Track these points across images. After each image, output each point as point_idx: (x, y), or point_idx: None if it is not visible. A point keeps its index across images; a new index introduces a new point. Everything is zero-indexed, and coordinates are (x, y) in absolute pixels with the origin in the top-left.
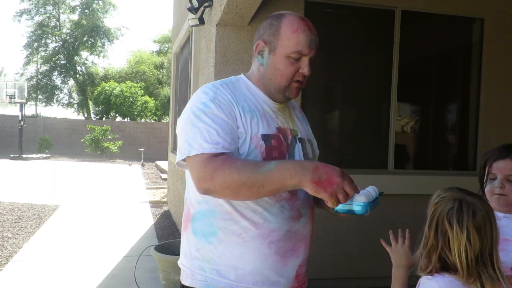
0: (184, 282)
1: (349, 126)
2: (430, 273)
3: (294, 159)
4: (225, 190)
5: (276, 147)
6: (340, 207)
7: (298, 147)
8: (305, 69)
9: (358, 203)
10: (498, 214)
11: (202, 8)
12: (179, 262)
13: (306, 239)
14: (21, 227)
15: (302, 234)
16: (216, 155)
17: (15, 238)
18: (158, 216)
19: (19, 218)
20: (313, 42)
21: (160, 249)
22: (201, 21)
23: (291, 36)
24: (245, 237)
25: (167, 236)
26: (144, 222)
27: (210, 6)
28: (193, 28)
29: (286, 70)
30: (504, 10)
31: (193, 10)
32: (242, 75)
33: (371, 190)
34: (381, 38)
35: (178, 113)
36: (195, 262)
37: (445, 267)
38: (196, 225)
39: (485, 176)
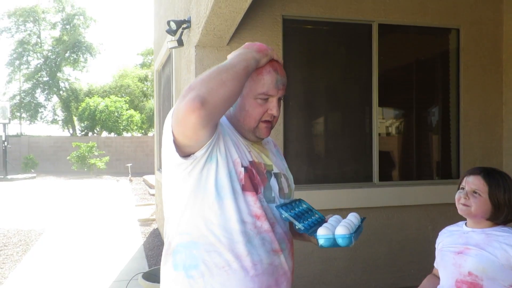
0: None
1: (333, 141)
2: None
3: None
4: (211, 86)
5: (251, 178)
6: (324, 242)
7: (273, 181)
8: (273, 110)
9: (340, 236)
10: (465, 228)
11: (180, 30)
12: None
13: (287, 274)
14: (7, 255)
15: (283, 269)
16: None
17: (1, 268)
18: (147, 235)
19: (5, 245)
20: (280, 83)
21: (147, 276)
22: (180, 43)
23: (256, 78)
24: (228, 270)
25: (156, 257)
26: (133, 242)
27: (188, 27)
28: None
29: (254, 111)
30: (478, 19)
31: (171, 32)
32: None
33: (352, 219)
34: (359, 52)
35: (162, 132)
36: None
37: None
38: (177, 258)
39: (458, 185)
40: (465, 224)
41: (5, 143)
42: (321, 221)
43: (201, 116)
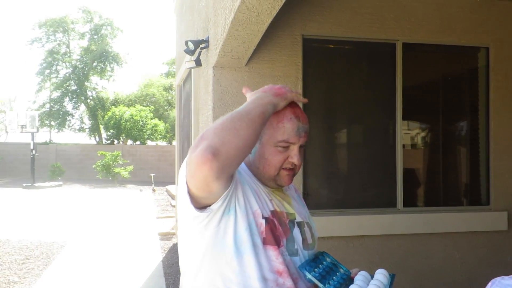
0: None
1: (355, 164)
2: None
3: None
4: (224, 136)
5: (272, 230)
6: None
7: (296, 232)
8: (294, 158)
9: None
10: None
11: (198, 50)
12: None
13: None
14: (28, 269)
15: None
16: None
17: (21, 283)
18: (166, 251)
19: (27, 259)
20: (302, 130)
21: None
22: (198, 63)
23: (276, 126)
24: None
25: (174, 275)
26: (152, 258)
27: (206, 47)
28: None
29: (274, 159)
30: (509, 38)
31: (189, 52)
32: None
33: (381, 278)
34: (382, 72)
35: (182, 148)
36: None
37: None
38: None
39: None
40: None
41: (33, 151)
42: (346, 279)
43: (213, 168)
